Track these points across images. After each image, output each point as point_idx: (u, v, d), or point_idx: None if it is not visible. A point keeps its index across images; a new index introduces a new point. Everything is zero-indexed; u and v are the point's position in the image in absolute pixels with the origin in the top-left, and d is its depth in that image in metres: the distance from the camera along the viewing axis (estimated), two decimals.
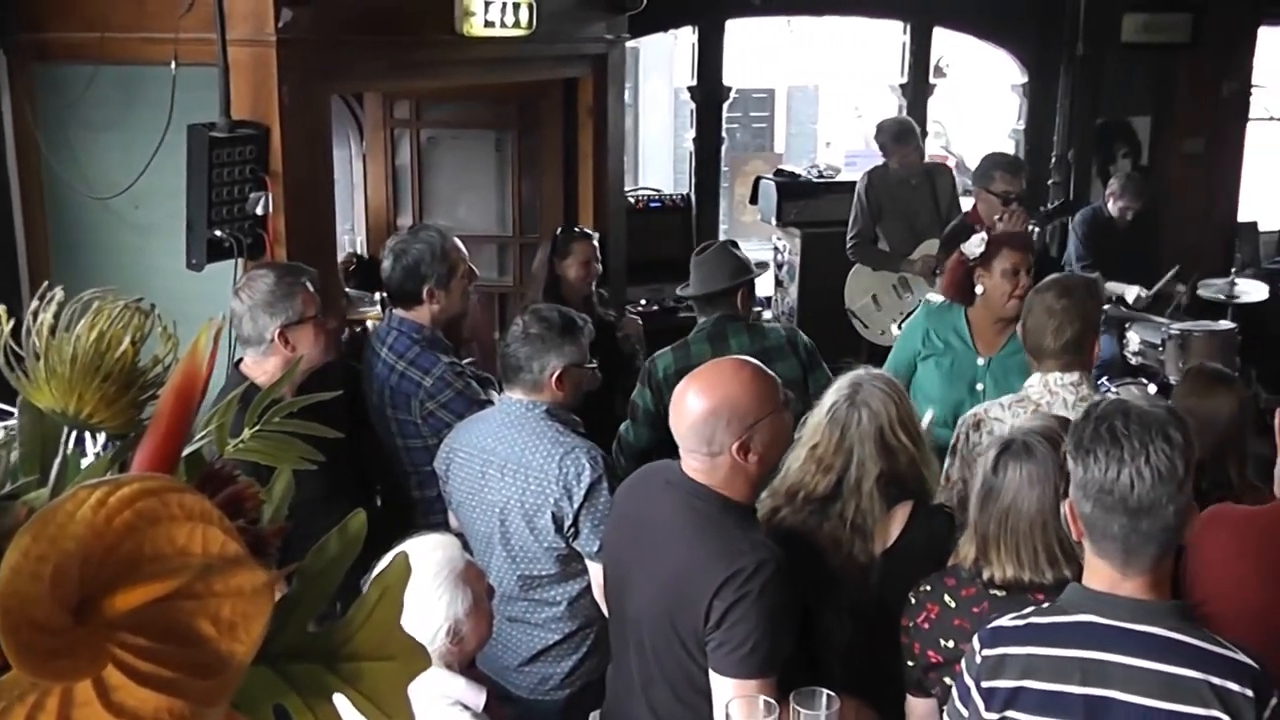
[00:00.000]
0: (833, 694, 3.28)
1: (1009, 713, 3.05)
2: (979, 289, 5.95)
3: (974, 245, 6.32)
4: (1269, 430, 3.86)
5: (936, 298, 6.38)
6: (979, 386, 5.78)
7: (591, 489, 4.59)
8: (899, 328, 9.38)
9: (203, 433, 1.37)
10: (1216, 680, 2.87)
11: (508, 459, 4.71)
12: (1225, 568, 3.68)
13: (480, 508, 4.79)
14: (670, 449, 3.97)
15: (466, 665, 3.88)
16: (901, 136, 9.41)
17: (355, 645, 1.10)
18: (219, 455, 1.34)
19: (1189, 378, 5.27)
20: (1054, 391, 4.85)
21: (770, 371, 3.89)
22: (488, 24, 6.90)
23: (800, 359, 5.82)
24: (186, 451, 1.25)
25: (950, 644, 3.63)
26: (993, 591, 3.59)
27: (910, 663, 3.77)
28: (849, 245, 9.47)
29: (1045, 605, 3.20)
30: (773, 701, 3.37)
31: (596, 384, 5.42)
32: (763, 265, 6.79)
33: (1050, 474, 3.54)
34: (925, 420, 4.83)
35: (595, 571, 4.60)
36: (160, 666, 0.91)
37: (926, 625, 3.71)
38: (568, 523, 4.61)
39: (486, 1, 6.86)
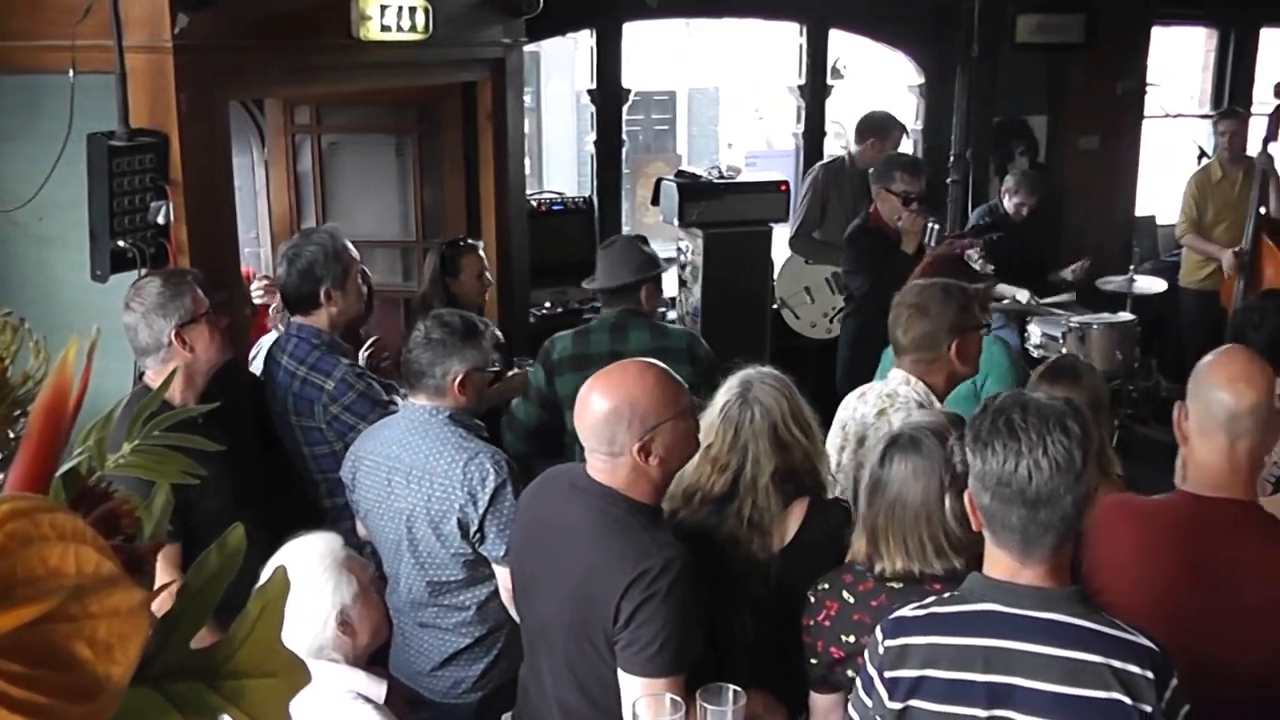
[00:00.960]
0: (738, 689, 3.31)
1: (912, 702, 3.07)
2: None
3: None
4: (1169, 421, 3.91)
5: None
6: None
7: (496, 494, 4.59)
8: (831, 323, 9.48)
9: (80, 449, 1.35)
10: (1117, 663, 2.91)
11: (413, 466, 4.70)
12: (1125, 558, 3.73)
13: (387, 515, 4.78)
14: (556, 432, 3.96)
15: (364, 660, 3.89)
16: (884, 129, 9.55)
17: (237, 662, 1.09)
18: (99, 471, 1.31)
19: (1043, 371, 5.34)
20: (912, 391, 4.92)
21: (676, 376, 3.89)
22: (384, 28, 6.87)
23: (696, 368, 5.80)
24: (64, 468, 1.23)
25: (851, 639, 3.66)
26: (889, 584, 3.63)
27: (813, 660, 3.80)
28: (791, 237, 9.58)
29: (947, 595, 3.21)
30: (679, 699, 3.39)
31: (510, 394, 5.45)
32: (669, 261, 6.81)
33: (936, 467, 3.59)
34: None
35: (502, 576, 4.60)
36: (35, 692, 0.89)
37: (827, 622, 3.74)
38: (473, 528, 4.61)
39: (383, 6, 6.82)
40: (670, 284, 10.50)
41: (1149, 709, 2.90)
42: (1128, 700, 2.89)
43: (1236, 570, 3.61)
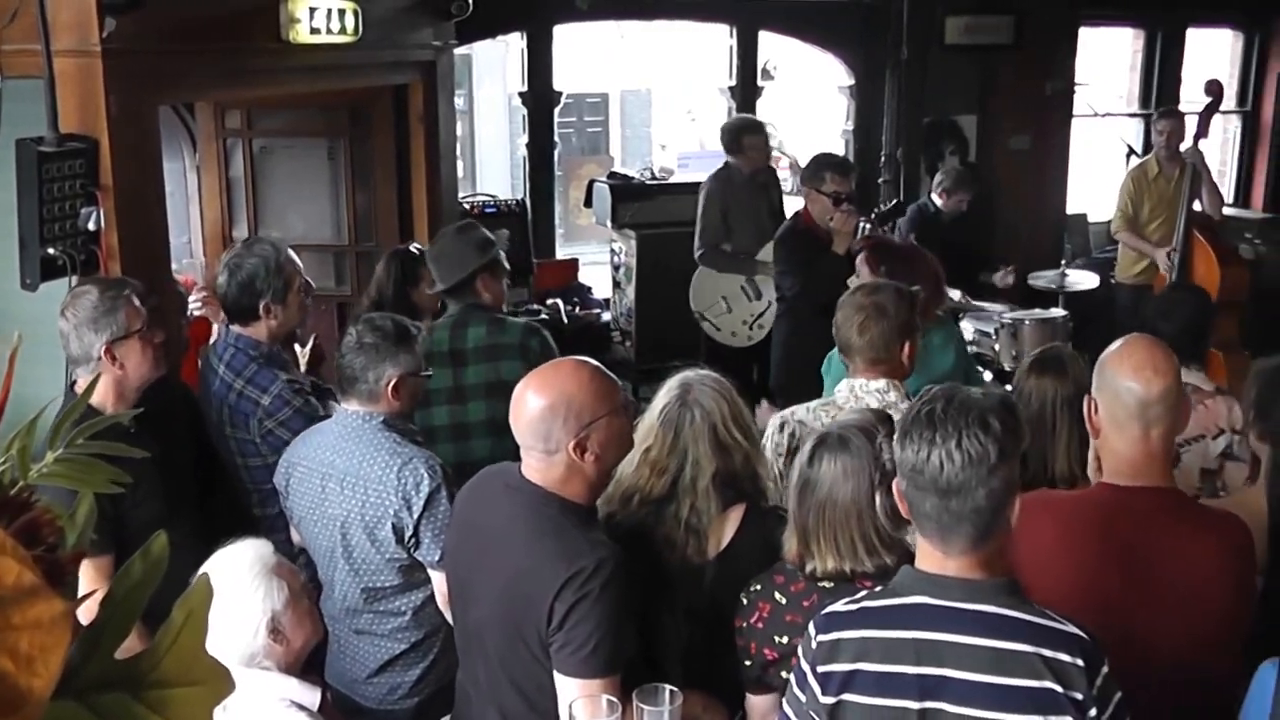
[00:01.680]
0: (675, 690, 3.29)
1: (845, 695, 3.08)
2: None
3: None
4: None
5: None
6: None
7: (431, 498, 4.56)
8: (751, 330, 9.47)
9: (3, 457, 1.33)
10: (1047, 652, 2.93)
11: (347, 472, 4.66)
12: (1046, 553, 3.73)
13: (321, 522, 4.74)
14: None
15: (297, 668, 3.86)
16: (745, 132, 9.48)
17: (162, 672, 1.08)
18: (21, 480, 1.30)
19: (1031, 363, 5.34)
20: (859, 397, 4.90)
21: (609, 373, 3.89)
22: (314, 31, 6.84)
23: (527, 362, 5.70)
24: None
25: (784, 640, 3.66)
26: (820, 584, 3.63)
27: (747, 662, 3.80)
28: (697, 251, 9.49)
29: (878, 589, 3.22)
30: (615, 700, 3.38)
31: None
32: (500, 237, 6.69)
33: (865, 465, 3.60)
34: None
35: (438, 580, 4.58)
36: None
37: (760, 624, 3.74)
38: (408, 533, 4.58)
39: (312, 8, 6.79)
40: (604, 284, 10.54)
41: (1080, 696, 2.93)
42: (1059, 688, 2.91)
43: (1162, 556, 3.65)
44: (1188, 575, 3.62)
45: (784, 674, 3.52)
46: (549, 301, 10.06)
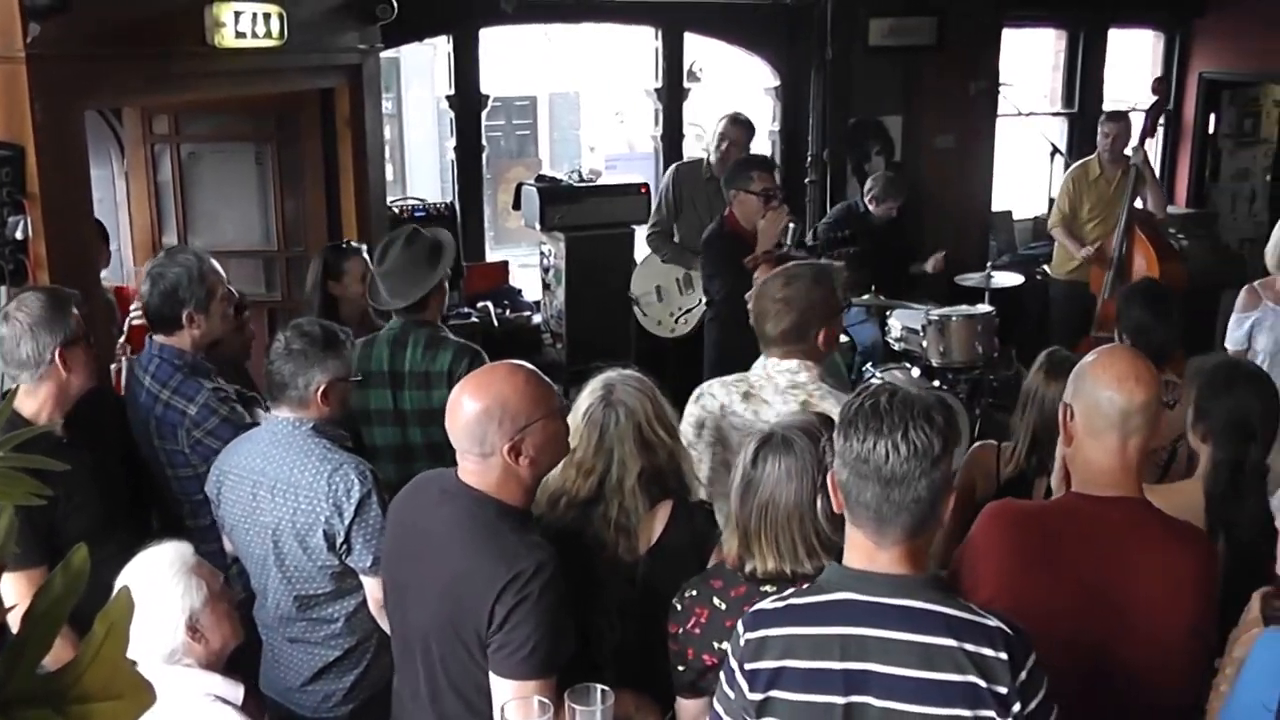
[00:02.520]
0: (607, 689, 3.32)
1: (772, 692, 3.10)
2: None
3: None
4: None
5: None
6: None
7: (361, 504, 4.55)
8: (676, 323, 9.51)
9: None
10: (970, 646, 2.96)
11: (277, 479, 4.64)
12: (1017, 565, 3.74)
13: (253, 530, 4.71)
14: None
15: (219, 667, 3.87)
16: (745, 125, 9.60)
17: (84, 686, 1.08)
18: None
19: (1042, 364, 5.35)
20: (770, 376, 4.93)
21: (544, 377, 3.89)
22: (239, 35, 6.82)
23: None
24: None
25: (724, 645, 3.66)
26: (762, 588, 3.64)
27: (681, 667, 3.79)
28: (648, 234, 9.68)
29: (805, 586, 3.25)
30: (547, 701, 3.41)
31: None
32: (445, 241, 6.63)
33: (809, 468, 3.61)
34: None
35: (370, 586, 4.57)
36: None
37: (697, 630, 3.74)
38: (340, 540, 4.56)
39: (237, 12, 6.77)
40: (534, 287, 10.54)
41: (1003, 690, 2.96)
42: (981, 683, 2.95)
43: (1133, 568, 3.66)
44: (1157, 587, 3.64)
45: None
46: (479, 305, 10.02)
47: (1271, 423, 4.43)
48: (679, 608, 3.81)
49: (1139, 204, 10.44)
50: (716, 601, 3.75)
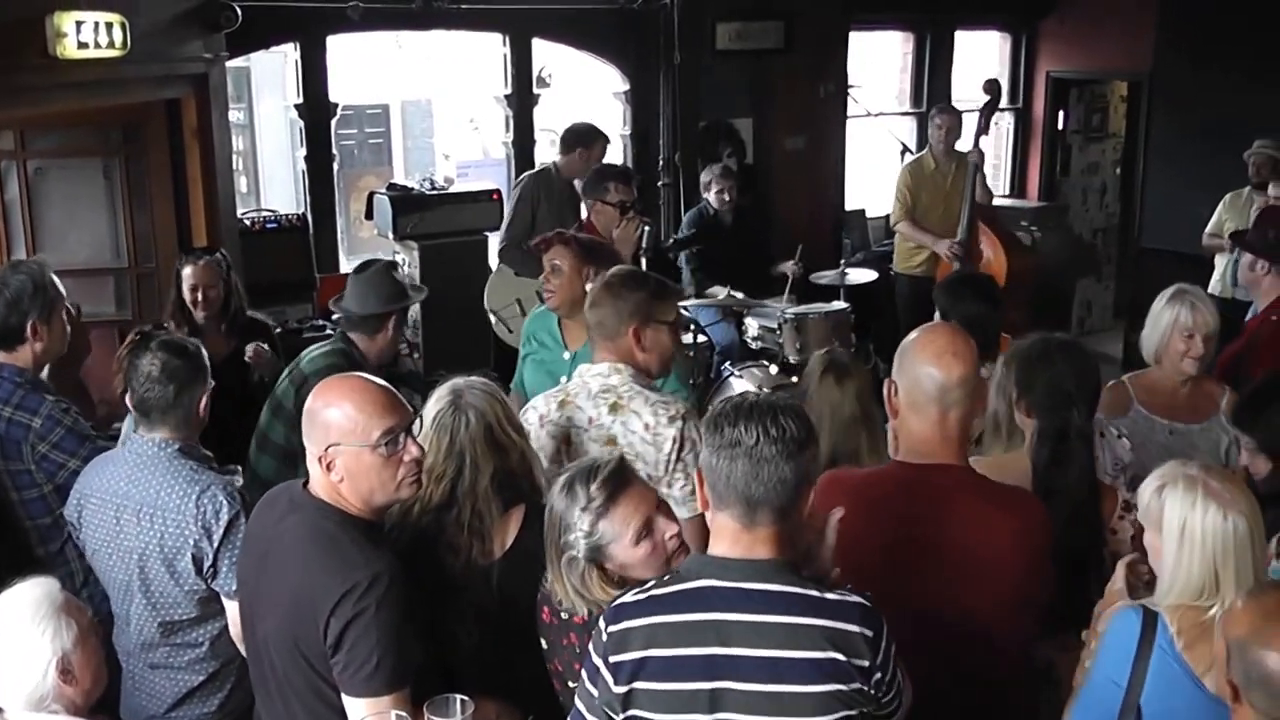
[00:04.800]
0: (466, 699, 3.33)
1: (636, 684, 3.16)
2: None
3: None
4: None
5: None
6: (563, 379, 5.83)
7: (230, 526, 4.49)
8: None
9: None
10: (830, 623, 3.08)
11: (143, 502, 4.56)
12: (845, 529, 3.81)
13: (117, 555, 4.63)
14: None
15: (86, 709, 3.76)
16: (588, 140, 9.54)
17: None
18: None
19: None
20: (585, 382, 4.95)
21: (387, 408, 3.79)
22: (81, 45, 6.74)
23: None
24: None
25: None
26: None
27: (571, 683, 3.76)
28: (500, 247, 9.55)
29: (666, 577, 3.31)
30: (405, 715, 3.42)
31: None
32: (418, 290, 6.72)
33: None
34: None
35: (232, 610, 4.49)
36: None
37: (580, 649, 3.72)
38: (207, 563, 4.51)
39: (79, 22, 6.69)
40: None
41: (865, 663, 3.08)
42: (842, 657, 3.06)
43: (954, 529, 3.78)
44: (982, 546, 3.75)
45: None
46: (335, 317, 9.93)
47: (1088, 390, 4.59)
48: (546, 645, 3.87)
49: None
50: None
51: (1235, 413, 5.08)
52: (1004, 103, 14.58)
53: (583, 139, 9.55)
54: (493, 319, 9.51)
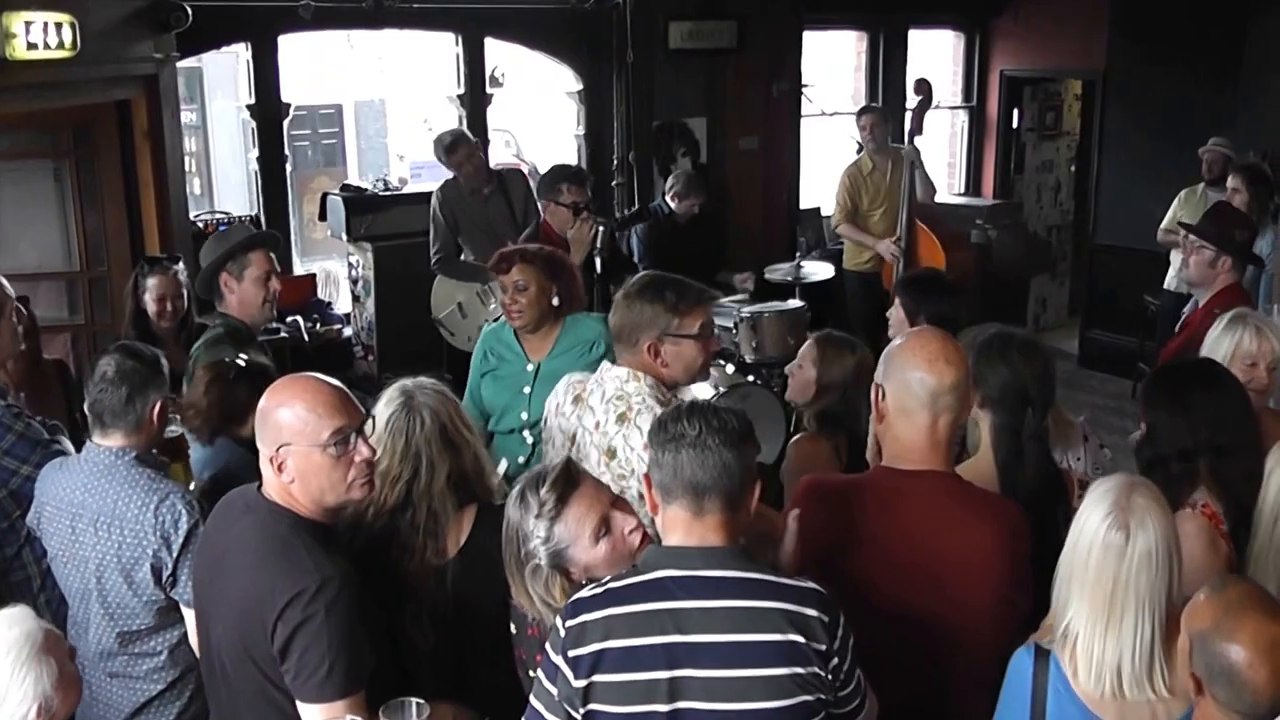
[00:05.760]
0: (421, 702, 3.32)
1: (595, 677, 3.17)
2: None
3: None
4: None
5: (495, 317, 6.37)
6: (526, 390, 5.81)
7: (190, 535, 4.43)
8: None
9: None
10: (790, 606, 3.13)
11: (100, 512, 4.50)
12: (826, 536, 3.83)
13: (74, 564, 4.57)
14: None
15: None
16: (450, 148, 9.45)
17: None
18: None
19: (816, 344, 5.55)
20: (602, 381, 4.80)
21: (339, 407, 3.76)
22: (30, 46, 6.69)
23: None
24: None
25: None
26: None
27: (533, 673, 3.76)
28: (433, 260, 9.46)
29: (623, 570, 3.35)
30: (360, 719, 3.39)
31: None
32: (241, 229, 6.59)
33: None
34: (500, 469, 4.91)
35: (190, 618, 4.41)
36: None
37: (541, 640, 3.70)
38: (166, 572, 4.45)
39: (28, 22, 6.64)
40: (345, 299, 10.45)
41: (823, 647, 3.13)
42: (801, 640, 3.11)
43: (941, 536, 3.76)
44: (966, 554, 3.74)
45: None
46: (289, 320, 9.89)
47: (1046, 391, 4.56)
48: (514, 630, 3.83)
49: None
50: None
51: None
52: (958, 101, 14.72)
53: (449, 148, 9.48)
54: (441, 328, 9.50)
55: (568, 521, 3.62)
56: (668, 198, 10.62)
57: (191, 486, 4.89)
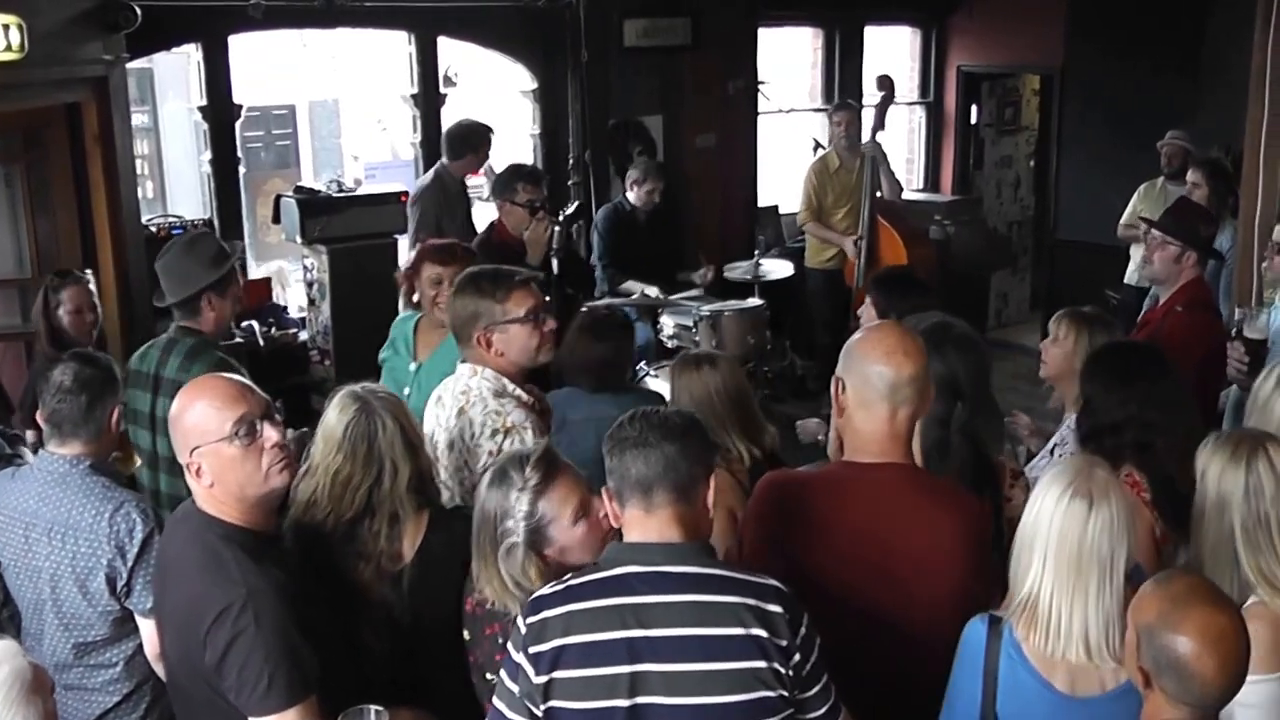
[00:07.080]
0: (381, 709, 3.31)
1: (556, 672, 3.21)
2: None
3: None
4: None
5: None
6: (406, 391, 5.78)
7: (145, 544, 4.44)
8: None
9: None
10: (752, 601, 3.18)
11: (54, 521, 4.50)
12: (767, 529, 3.93)
13: (27, 574, 4.57)
14: None
15: None
16: (485, 142, 9.56)
17: None
18: None
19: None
20: (457, 378, 4.99)
21: (237, 398, 3.77)
22: None
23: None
24: None
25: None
26: None
27: (489, 675, 3.78)
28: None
29: (585, 567, 3.41)
30: None
31: None
32: (235, 248, 6.42)
33: None
34: None
35: (146, 629, 4.44)
36: None
37: (502, 638, 3.70)
38: (121, 582, 4.46)
39: None
40: (300, 301, 10.36)
41: (784, 643, 3.18)
42: (764, 634, 3.15)
43: (903, 526, 3.81)
44: (925, 545, 3.79)
45: None
46: (244, 324, 9.80)
47: (977, 385, 4.65)
48: (468, 636, 3.90)
49: (877, 193, 10.77)
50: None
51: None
52: (915, 97, 14.77)
53: (469, 142, 9.49)
54: None
55: (552, 499, 3.73)
56: (628, 186, 10.60)
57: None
